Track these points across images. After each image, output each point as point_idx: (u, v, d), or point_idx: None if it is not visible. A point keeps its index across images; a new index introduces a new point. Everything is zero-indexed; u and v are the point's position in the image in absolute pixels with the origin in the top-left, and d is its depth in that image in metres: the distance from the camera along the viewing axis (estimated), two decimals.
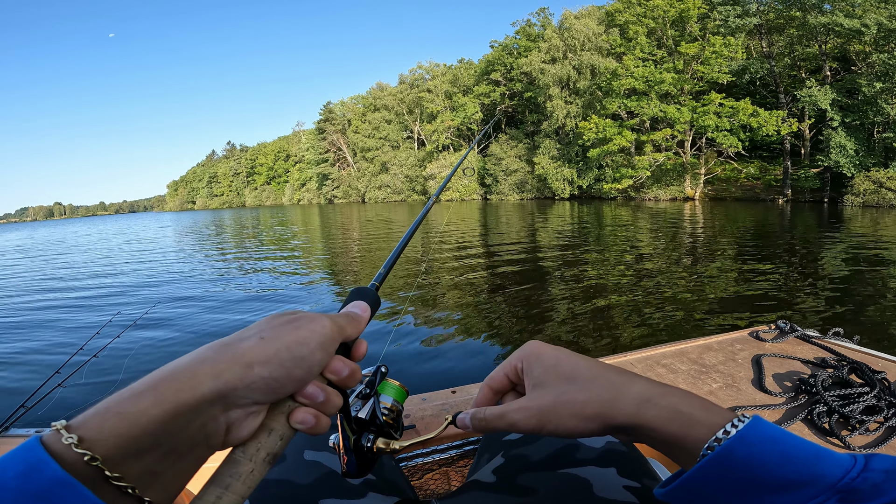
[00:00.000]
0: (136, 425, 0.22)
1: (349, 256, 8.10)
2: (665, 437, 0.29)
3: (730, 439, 0.26)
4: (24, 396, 1.00)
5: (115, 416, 0.22)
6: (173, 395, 0.23)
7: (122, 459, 0.22)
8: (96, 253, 11.48)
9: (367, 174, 43.81)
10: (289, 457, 0.49)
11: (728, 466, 0.25)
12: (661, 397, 0.29)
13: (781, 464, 0.24)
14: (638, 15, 22.35)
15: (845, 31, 15.75)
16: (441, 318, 3.67)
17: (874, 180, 14.90)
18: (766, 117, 18.37)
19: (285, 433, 0.28)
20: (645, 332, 3.14)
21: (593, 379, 0.32)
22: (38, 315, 4.68)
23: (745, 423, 0.26)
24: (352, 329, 0.32)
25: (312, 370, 0.28)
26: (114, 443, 0.22)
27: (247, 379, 0.26)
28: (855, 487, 0.23)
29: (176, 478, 0.25)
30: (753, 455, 0.25)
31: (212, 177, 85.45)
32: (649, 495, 0.41)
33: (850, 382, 0.86)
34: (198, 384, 0.24)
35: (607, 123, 22.58)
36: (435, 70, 39.05)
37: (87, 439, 0.21)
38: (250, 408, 0.27)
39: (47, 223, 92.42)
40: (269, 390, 0.27)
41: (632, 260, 5.99)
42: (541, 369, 0.33)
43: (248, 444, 0.27)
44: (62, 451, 0.21)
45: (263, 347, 0.27)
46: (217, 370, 0.25)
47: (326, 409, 0.29)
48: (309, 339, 0.28)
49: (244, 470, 0.26)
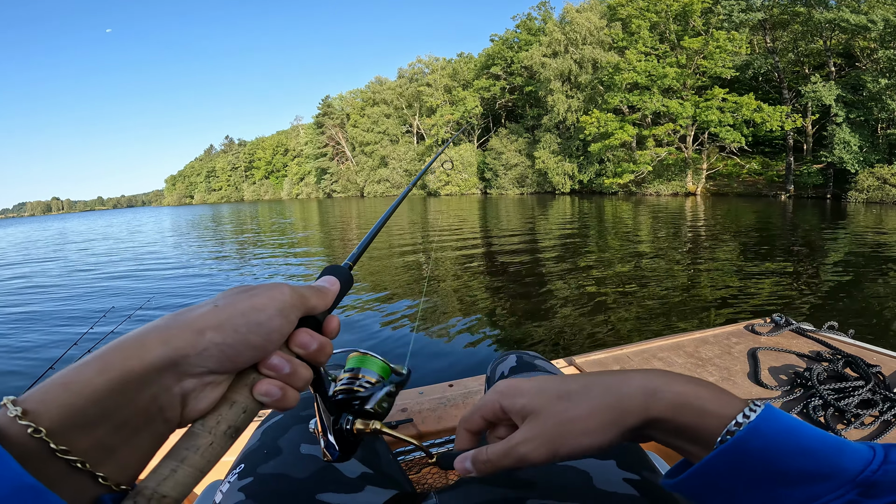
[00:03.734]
0: (81, 395, 0.21)
1: (346, 248, 8.09)
2: (676, 428, 0.27)
3: (743, 429, 0.25)
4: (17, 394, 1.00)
5: (59, 386, 0.22)
6: (120, 363, 0.23)
7: (68, 432, 0.21)
8: (92, 248, 11.47)
9: (365, 168, 43.60)
10: (285, 451, 0.48)
11: (742, 458, 0.24)
12: (665, 387, 0.28)
13: (797, 456, 0.23)
14: (640, 9, 22.08)
15: (851, 28, 15.56)
16: (440, 313, 3.67)
17: (878, 177, 14.83)
18: (771, 112, 18.23)
19: (249, 406, 0.27)
20: (643, 326, 3.15)
21: (586, 389, 0.30)
22: (32, 310, 4.68)
23: (758, 413, 0.25)
24: (317, 300, 0.30)
25: (271, 337, 0.27)
26: (57, 414, 0.21)
27: (198, 345, 0.24)
28: (876, 481, 0.22)
29: (133, 454, 0.23)
30: (768, 446, 0.24)
31: (210, 171, 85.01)
32: (649, 487, 0.41)
33: (845, 376, 0.86)
34: (146, 352, 0.23)
35: (609, 118, 22.41)
36: (434, 64, 38.66)
37: (31, 411, 0.21)
38: (206, 377, 0.25)
39: (46, 218, 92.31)
40: (225, 357, 0.25)
41: (632, 255, 5.99)
42: (525, 399, 0.31)
43: (208, 417, 0.26)
44: (7, 426, 0.20)
45: (216, 313, 0.26)
46: (166, 336, 0.24)
47: (293, 381, 0.28)
48: (266, 305, 0.27)
49: (202, 443, 0.25)
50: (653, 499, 0.40)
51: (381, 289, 4.62)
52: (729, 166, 21.53)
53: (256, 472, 0.46)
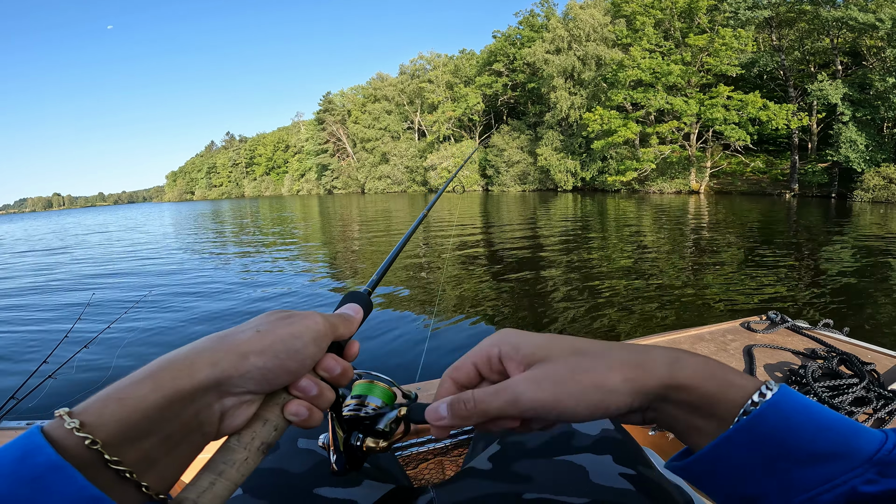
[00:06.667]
0: (136, 410, 0.23)
1: (347, 246, 8.11)
2: (699, 398, 0.26)
3: (764, 404, 0.24)
4: (13, 389, 1.00)
5: (115, 401, 0.23)
6: (171, 381, 0.24)
7: (121, 444, 0.22)
8: (90, 244, 11.51)
9: (366, 165, 43.54)
10: (283, 445, 0.49)
11: (761, 435, 0.24)
12: (690, 357, 0.27)
13: (815, 434, 0.23)
14: (645, 6, 21.87)
15: (859, 26, 15.37)
16: (440, 309, 3.68)
17: (884, 176, 14.73)
18: (777, 111, 18.09)
19: (279, 424, 0.29)
20: (644, 323, 3.15)
21: (607, 349, 0.28)
22: (27, 304, 4.69)
23: (776, 391, 0.25)
24: (344, 328, 0.33)
25: (305, 363, 0.29)
26: (114, 427, 0.22)
27: (242, 368, 0.26)
28: (892, 460, 0.22)
29: (172, 465, 0.25)
30: (787, 424, 0.23)
31: (210, 167, 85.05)
32: (645, 482, 0.41)
33: (839, 374, 0.86)
34: (195, 372, 0.25)
35: (612, 115, 22.26)
36: (436, 60, 38.47)
37: (88, 424, 0.22)
38: (244, 397, 0.27)
39: (48, 214, 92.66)
40: (264, 380, 0.27)
41: (634, 253, 5.97)
42: (532, 348, 0.29)
43: (243, 433, 0.28)
44: (63, 437, 0.21)
45: (260, 339, 0.28)
46: (214, 359, 0.26)
47: (319, 402, 0.30)
48: (303, 333, 0.29)
49: (238, 457, 0.27)
50: (648, 493, 0.40)
51: (389, 288, 4.61)
52: (733, 164, 21.39)
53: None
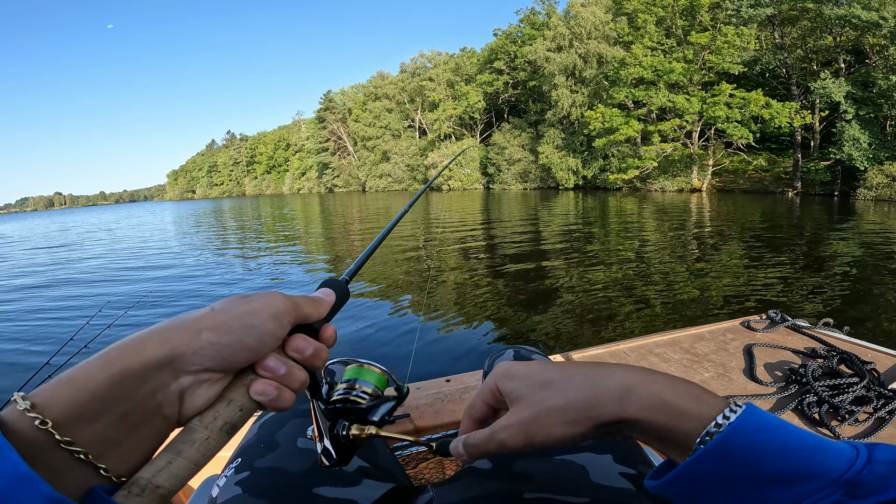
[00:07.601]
0: (84, 389, 0.23)
1: (348, 244, 8.11)
2: (652, 430, 0.27)
3: (724, 431, 0.24)
4: (12, 390, 1.01)
5: (64, 382, 0.23)
6: (120, 360, 0.24)
7: (73, 424, 0.22)
8: (89, 243, 11.54)
9: (367, 163, 43.46)
10: (282, 445, 0.49)
11: (723, 460, 0.24)
12: (642, 386, 0.28)
13: (781, 456, 0.23)
14: (647, 3, 21.74)
15: (862, 24, 15.27)
16: (439, 308, 3.68)
17: (887, 174, 14.65)
18: (779, 109, 18.00)
19: (245, 404, 0.28)
20: (643, 322, 3.15)
21: (569, 379, 0.30)
22: (27, 305, 4.72)
23: (739, 413, 0.25)
24: (310, 308, 0.32)
25: (264, 340, 0.28)
26: (63, 407, 0.22)
27: (194, 344, 0.26)
28: (861, 480, 0.21)
29: (134, 449, 0.25)
30: (751, 447, 0.23)
31: (211, 166, 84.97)
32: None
33: (839, 373, 0.86)
34: (145, 350, 0.25)
35: (614, 113, 22.16)
36: (437, 58, 38.33)
37: (39, 405, 0.22)
38: (202, 375, 0.27)
39: (50, 213, 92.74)
40: (220, 357, 0.27)
41: (634, 251, 5.96)
42: (514, 384, 0.32)
43: (205, 413, 0.27)
44: (15, 419, 0.22)
45: (213, 315, 0.27)
46: (165, 337, 0.26)
47: (289, 382, 0.29)
48: (260, 309, 0.28)
49: (199, 437, 0.26)
50: (648, 493, 0.40)
51: (383, 284, 4.63)
52: (735, 162, 21.30)
53: (253, 467, 0.46)
